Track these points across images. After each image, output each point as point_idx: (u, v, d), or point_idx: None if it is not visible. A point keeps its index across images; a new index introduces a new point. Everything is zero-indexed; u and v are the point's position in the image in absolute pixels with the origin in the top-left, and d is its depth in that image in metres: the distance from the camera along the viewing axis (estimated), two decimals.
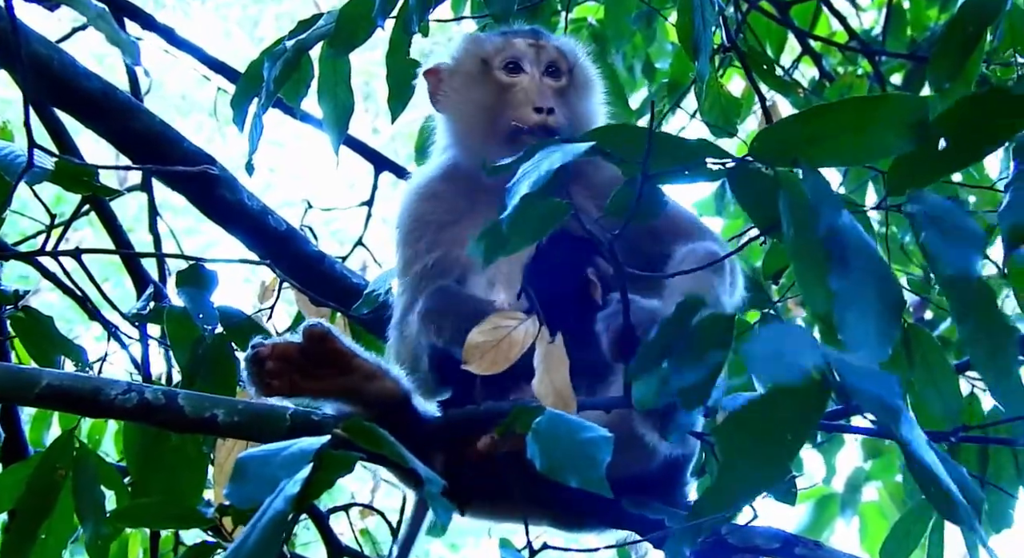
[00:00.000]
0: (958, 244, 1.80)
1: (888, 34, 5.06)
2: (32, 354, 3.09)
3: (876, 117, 1.86)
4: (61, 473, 2.88)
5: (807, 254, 1.86)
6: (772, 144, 1.90)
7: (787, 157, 1.89)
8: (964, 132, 1.81)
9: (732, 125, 3.91)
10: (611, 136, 1.96)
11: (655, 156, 1.92)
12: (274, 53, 3.00)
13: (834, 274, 1.79)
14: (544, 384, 2.22)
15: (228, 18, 12.83)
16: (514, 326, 2.31)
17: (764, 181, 1.93)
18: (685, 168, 1.97)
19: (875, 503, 5.47)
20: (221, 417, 2.33)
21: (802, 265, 1.88)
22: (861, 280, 1.80)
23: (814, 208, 1.83)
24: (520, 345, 2.28)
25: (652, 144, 1.90)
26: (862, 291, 1.79)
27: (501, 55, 2.75)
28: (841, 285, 1.79)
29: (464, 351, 2.30)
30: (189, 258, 2.90)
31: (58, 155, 2.58)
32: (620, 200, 2.01)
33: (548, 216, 2.00)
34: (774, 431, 1.68)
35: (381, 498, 6.69)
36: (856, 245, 1.83)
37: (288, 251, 3.44)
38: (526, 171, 1.89)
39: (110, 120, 3.25)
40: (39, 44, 3.16)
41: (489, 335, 2.31)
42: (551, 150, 1.91)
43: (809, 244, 1.85)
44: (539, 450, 1.77)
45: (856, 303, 1.77)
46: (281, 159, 11.38)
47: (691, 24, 2.87)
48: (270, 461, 1.73)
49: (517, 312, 2.35)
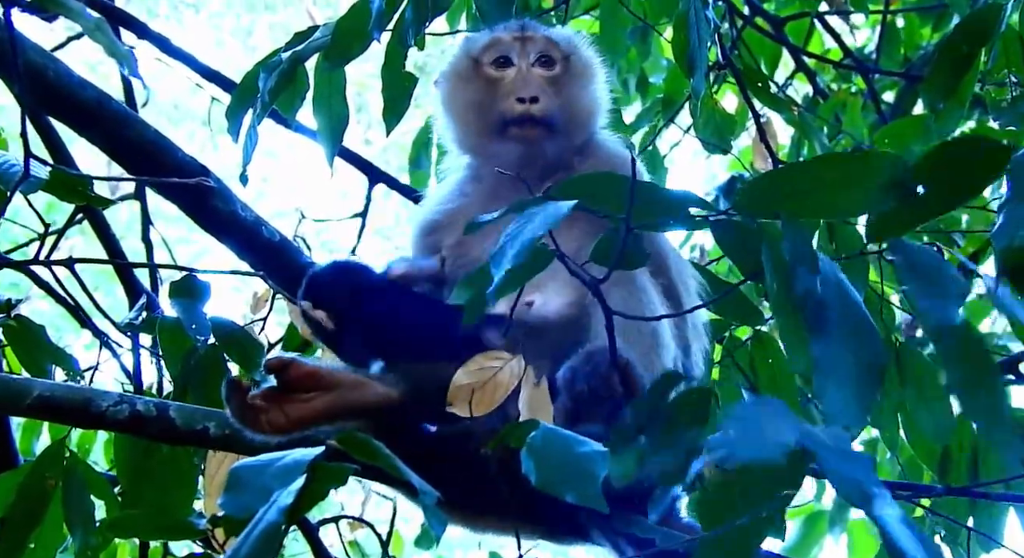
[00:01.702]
0: (939, 295, 1.81)
1: (882, 52, 5.08)
2: (23, 363, 3.08)
3: (857, 174, 1.87)
4: (51, 483, 2.87)
5: (787, 313, 1.88)
6: (755, 197, 1.92)
7: (769, 211, 1.91)
8: (942, 179, 1.82)
9: (726, 142, 3.92)
10: (595, 187, 1.98)
11: (639, 206, 1.94)
12: (270, 64, 3.01)
13: (814, 339, 1.82)
14: None
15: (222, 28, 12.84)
16: (499, 367, 2.32)
17: (747, 233, 1.95)
18: (669, 218, 1.98)
19: (863, 521, 5.46)
20: (212, 429, 2.34)
21: (783, 323, 1.91)
22: (841, 345, 1.82)
23: (791, 268, 1.85)
24: (506, 387, 2.29)
25: (634, 198, 1.93)
26: (841, 356, 1.81)
27: (489, 51, 2.77)
28: (821, 351, 1.81)
29: (449, 392, 2.30)
30: (182, 268, 2.90)
31: (53, 165, 2.57)
32: (604, 247, 2.03)
33: (533, 264, 2.01)
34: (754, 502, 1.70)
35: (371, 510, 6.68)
36: (838, 303, 1.85)
37: (281, 262, 3.43)
38: (511, 236, 1.90)
39: (104, 129, 3.23)
40: (34, 53, 3.15)
41: (474, 376, 2.31)
42: (533, 212, 1.92)
43: (790, 302, 1.87)
44: (534, 465, 1.77)
45: (835, 372, 1.80)
46: (274, 169, 11.38)
47: (687, 41, 2.89)
48: (264, 471, 1.73)
49: (502, 352, 2.35)
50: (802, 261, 1.85)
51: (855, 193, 1.87)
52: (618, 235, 1.97)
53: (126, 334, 3.16)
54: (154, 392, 3.32)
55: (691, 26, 2.86)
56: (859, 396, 1.78)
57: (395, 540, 4.40)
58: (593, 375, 2.28)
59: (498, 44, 2.77)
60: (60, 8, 2.11)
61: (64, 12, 2.12)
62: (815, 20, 5.12)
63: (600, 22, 4.27)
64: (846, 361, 1.80)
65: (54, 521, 2.90)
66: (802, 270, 1.84)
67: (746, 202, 1.92)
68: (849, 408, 1.75)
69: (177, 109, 10.91)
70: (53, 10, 2.13)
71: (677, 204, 1.95)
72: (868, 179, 1.86)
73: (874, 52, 5.29)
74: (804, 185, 1.88)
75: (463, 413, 2.28)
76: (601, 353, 2.28)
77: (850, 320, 1.84)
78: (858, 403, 1.77)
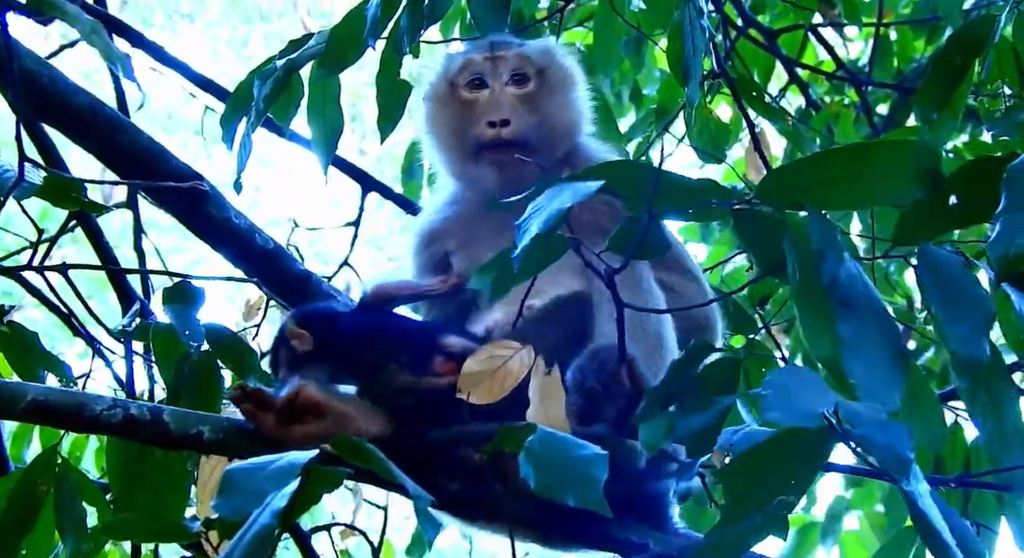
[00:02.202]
0: (966, 321, 1.82)
1: (875, 64, 5.10)
2: (16, 369, 3.08)
3: (886, 163, 1.87)
4: (43, 489, 2.87)
5: (812, 299, 1.88)
6: (779, 186, 1.92)
7: (794, 200, 1.91)
8: (976, 191, 1.82)
9: (721, 151, 3.93)
10: (618, 173, 1.98)
11: (660, 195, 1.93)
12: (264, 72, 3.00)
13: (841, 321, 1.81)
14: (539, 415, 2.23)
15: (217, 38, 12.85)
16: (509, 356, 2.31)
17: (769, 224, 1.94)
18: (690, 207, 1.98)
19: (856, 532, 5.47)
20: (207, 434, 2.34)
21: (806, 310, 1.91)
22: (867, 328, 1.82)
23: (819, 255, 1.85)
24: (516, 376, 2.29)
25: (659, 183, 1.92)
26: (869, 339, 1.81)
27: (464, 73, 2.75)
28: (849, 333, 1.81)
29: (460, 380, 2.30)
30: (176, 275, 2.90)
31: (47, 169, 2.57)
32: (623, 236, 2.02)
33: (551, 250, 2.02)
34: (778, 475, 1.71)
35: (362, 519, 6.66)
36: (861, 293, 1.85)
37: (274, 270, 3.42)
38: (535, 209, 1.90)
39: (97, 135, 3.23)
40: (29, 59, 3.15)
41: (485, 364, 2.31)
42: (560, 189, 1.92)
43: (814, 289, 1.87)
44: (533, 469, 1.77)
45: (864, 351, 1.80)
46: (268, 178, 11.38)
47: (681, 50, 2.89)
48: (258, 474, 1.74)
49: (512, 342, 2.36)
50: (829, 247, 1.85)
51: (883, 182, 1.88)
52: (638, 224, 1.96)
53: (119, 340, 3.15)
54: (146, 398, 3.32)
55: (686, 35, 2.87)
56: (889, 374, 1.78)
57: (386, 548, 4.40)
58: (601, 371, 2.28)
59: (471, 65, 2.74)
60: (56, 11, 2.11)
61: (60, 15, 2.12)
62: (808, 32, 5.14)
63: (594, 33, 4.28)
64: (873, 342, 1.80)
65: (46, 527, 2.89)
66: (830, 255, 1.84)
67: (770, 191, 1.91)
68: (880, 385, 1.76)
69: (170, 118, 10.92)
70: (49, 13, 2.14)
71: (698, 192, 1.95)
72: (896, 168, 1.86)
73: (867, 64, 5.31)
74: (830, 174, 1.88)
75: (474, 401, 2.27)
76: (606, 350, 2.29)
77: (872, 308, 1.84)
78: (888, 381, 1.77)
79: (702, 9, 2.94)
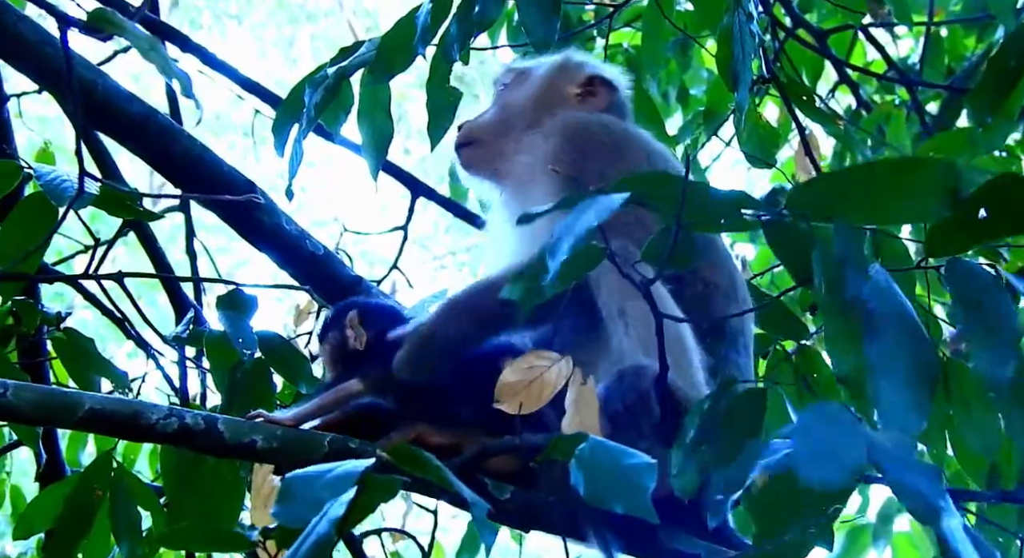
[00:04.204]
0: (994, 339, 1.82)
1: (925, 63, 5.05)
2: (72, 375, 3.11)
3: (912, 181, 1.86)
4: (98, 493, 2.91)
5: (836, 316, 1.88)
6: (809, 199, 1.91)
7: (823, 214, 1.91)
8: (1004, 206, 1.81)
9: (770, 155, 3.91)
10: (647, 185, 1.98)
11: (691, 206, 1.94)
12: (315, 79, 3.02)
13: (868, 340, 1.81)
14: (574, 425, 2.23)
15: (264, 38, 12.93)
16: (547, 366, 2.32)
17: (799, 235, 1.95)
18: (720, 218, 1.98)
19: (907, 534, 5.43)
20: (260, 443, 2.36)
21: (831, 327, 1.90)
22: (894, 347, 1.82)
23: (842, 269, 1.85)
24: (553, 386, 2.29)
25: (686, 196, 1.92)
26: (896, 360, 1.80)
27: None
28: (875, 353, 1.80)
29: (497, 390, 2.32)
30: (229, 282, 2.92)
31: (103, 181, 2.60)
32: (655, 247, 2.03)
33: (585, 261, 2.02)
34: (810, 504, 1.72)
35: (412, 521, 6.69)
36: (890, 307, 1.84)
37: (324, 275, 3.45)
38: (565, 228, 1.91)
39: (151, 143, 3.27)
40: (83, 68, 3.19)
41: (522, 374, 2.32)
42: (587, 204, 1.92)
43: (839, 306, 1.86)
44: (583, 477, 1.78)
45: (890, 374, 1.79)
46: (314, 178, 11.44)
47: (731, 55, 2.88)
48: (316, 483, 1.75)
49: (550, 352, 2.36)
50: (852, 264, 1.85)
51: (909, 199, 1.86)
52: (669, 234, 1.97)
53: (172, 347, 3.18)
54: (197, 402, 3.35)
55: (735, 40, 2.86)
56: (916, 398, 1.77)
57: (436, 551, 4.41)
58: (630, 393, 2.29)
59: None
60: (116, 29, 2.13)
61: (119, 33, 2.14)
62: (858, 31, 5.09)
63: (642, 34, 4.27)
64: (901, 363, 1.79)
65: (101, 531, 2.94)
66: (851, 272, 1.84)
67: (800, 204, 1.91)
68: (907, 410, 1.75)
69: (218, 120, 11.00)
70: (109, 31, 2.16)
71: (729, 204, 1.95)
72: (921, 186, 1.84)
73: (917, 62, 5.26)
74: (858, 189, 1.87)
75: (511, 411, 2.28)
76: (632, 373, 2.29)
77: (902, 325, 1.83)
78: (914, 406, 1.76)
79: (752, 13, 2.93)
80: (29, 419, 2.35)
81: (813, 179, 2.01)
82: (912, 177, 1.85)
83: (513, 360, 2.33)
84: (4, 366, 2.87)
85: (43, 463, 3.43)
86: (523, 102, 2.93)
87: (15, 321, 3.09)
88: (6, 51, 3.26)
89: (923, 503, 1.59)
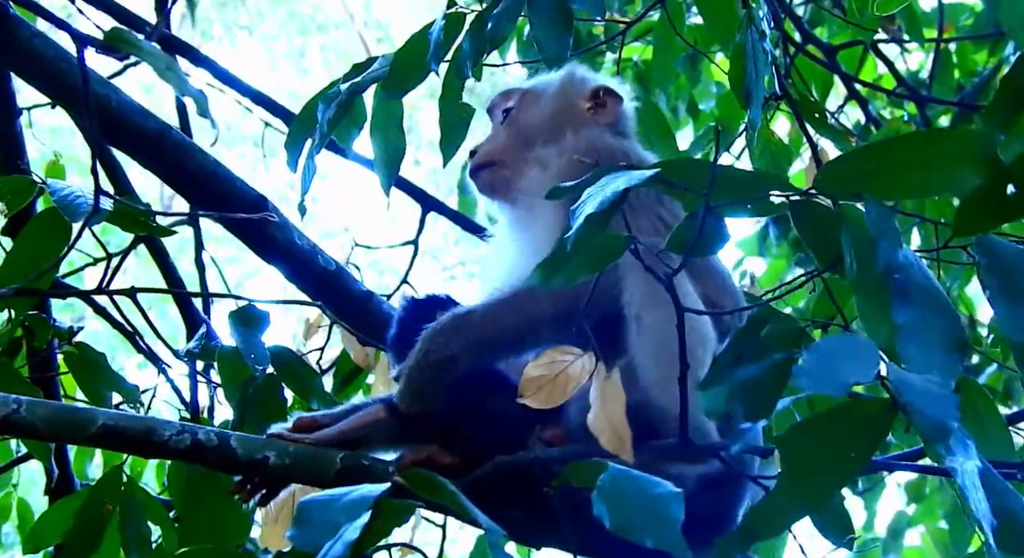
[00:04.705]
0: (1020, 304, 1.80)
1: (935, 78, 5.05)
2: (84, 389, 3.12)
3: (943, 152, 1.86)
4: (108, 508, 2.91)
5: (869, 288, 1.87)
6: (836, 178, 1.91)
7: (851, 191, 1.90)
8: None
9: (782, 171, 3.90)
10: (675, 168, 1.96)
11: (718, 188, 1.92)
12: (328, 95, 3.03)
13: (897, 307, 1.81)
14: (600, 420, 2.19)
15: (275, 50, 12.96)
16: (571, 361, 2.30)
17: (827, 216, 1.93)
18: (748, 201, 1.97)
19: (918, 548, 5.42)
20: (272, 459, 2.36)
21: (864, 299, 1.89)
22: (924, 314, 1.82)
23: (874, 241, 1.84)
24: (576, 380, 2.28)
25: (715, 176, 1.90)
26: (925, 325, 1.80)
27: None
28: (904, 318, 1.80)
29: (520, 384, 2.31)
30: (240, 298, 2.93)
31: (117, 198, 2.61)
32: (682, 233, 2.01)
33: (610, 248, 2.02)
34: (839, 445, 1.70)
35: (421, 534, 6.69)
36: (919, 280, 1.85)
37: (335, 289, 3.46)
38: (591, 193, 1.90)
39: (164, 159, 3.29)
40: (96, 83, 3.20)
41: (546, 369, 2.31)
42: (615, 175, 1.91)
43: (872, 278, 1.86)
44: (607, 508, 1.74)
45: (919, 335, 1.79)
46: (324, 189, 11.46)
47: (743, 72, 2.88)
48: (331, 506, 1.76)
49: (573, 348, 2.35)
50: (886, 235, 1.84)
51: (940, 171, 1.87)
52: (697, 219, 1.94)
53: (185, 362, 3.19)
54: (206, 416, 3.35)
55: (748, 58, 2.86)
56: (943, 358, 1.77)
57: None
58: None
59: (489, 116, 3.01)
60: (131, 48, 2.14)
61: (135, 52, 2.15)
62: (868, 48, 5.09)
63: (653, 49, 4.28)
64: (930, 327, 1.79)
65: (111, 546, 2.94)
66: (885, 243, 1.83)
67: (829, 182, 1.90)
68: (934, 368, 1.75)
69: (229, 130, 11.01)
70: (124, 50, 2.17)
71: (756, 183, 1.94)
72: (954, 157, 1.85)
73: (927, 77, 5.25)
74: (887, 164, 1.87)
75: (535, 405, 2.27)
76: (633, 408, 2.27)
77: (929, 295, 1.84)
78: (942, 364, 1.76)
79: (764, 31, 2.93)
80: (42, 435, 2.35)
81: (842, 156, 2.00)
82: (947, 146, 1.86)
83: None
84: (16, 381, 2.87)
85: (55, 477, 3.43)
86: (539, 123, 2.88)
87: (27, 336, 3.10)
88: (21, 67, 3.28)
89: (934, 423, 1.57)
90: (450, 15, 2.94)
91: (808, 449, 1.71)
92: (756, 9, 3.04)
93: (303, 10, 13.14)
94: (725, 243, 2.05)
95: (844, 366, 1.68)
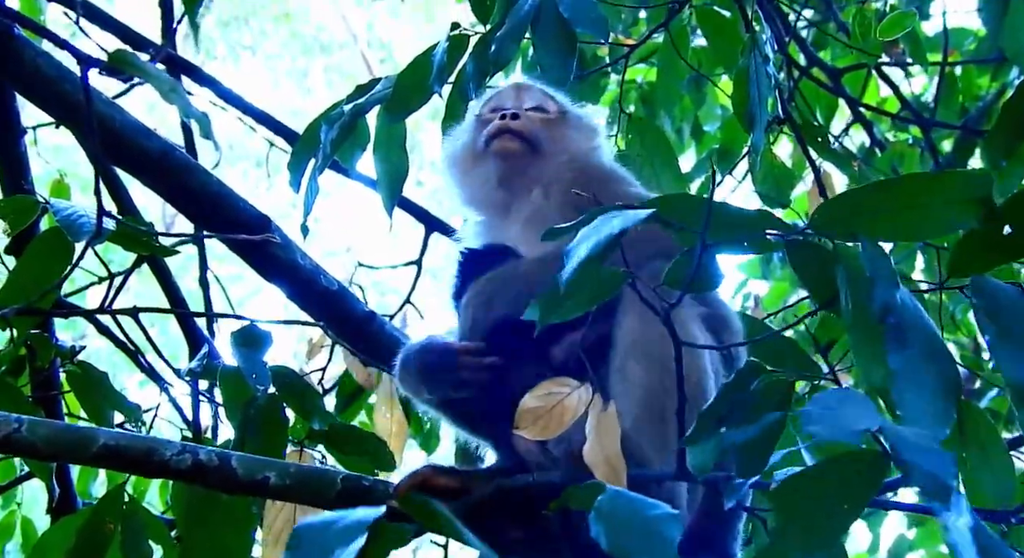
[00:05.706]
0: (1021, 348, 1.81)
1: (939, 102, 5.06)
2: (86, 409, 3.12)
3: (938, 193, 1.86)
4: (110, 527, 2.90)
5: (864, 329, 1.86)
6: (832, 217, 1.91)
7: (846, 231, 1.90)
8: None
9: (785, 194, 3.91)
10: (671, 204, 1.97)
11: (714, 226, 1.92)
12: (331, 116, 3.04)
13: (892, 351, 1.80)
14: (595, 452, 2.21)
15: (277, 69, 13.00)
16: (567, 393, 2.31)
17: (822, 254, 1.94)
18: (744, 239, 1.97)
19: None
20: (273, 480, 2.35)
21: (859, 340, 1.89)
22: (919, 359, 1.81)
23: (871, 282, 1.84)
24: (573, 412, 2.28)
25: (711, 214, 1.91)
26: (920, 370, 1.80)
27: (488, 104, 2.79)
28: (899, 363, 1.80)
29: (517, 416, 2.31)
30: (243, 318, 2.93)
31: (120, 219, 2.62)
32: (677, 270, 2.01)
33: (605, 284, 2.02)
34: (831, 499, 1.70)
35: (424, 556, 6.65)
36: (914, 323, 1.84)
37: (338, 310, 3.46)
38: (585, 234, 1.90)
39: (168, 179, 3.29)
40: (100, 103, 3.21)
41: (542, 400, 2.31)
42: (611, 215, 1.91)
43: (867, 319, 1.85)
44: (604, 529, 1.74)
45: (914, 382, 1.78)
46: (326, 208, 11.46)
47: (747, 97, 2.89)
48: (326, 531, 1.75)
49: (569, 379, 2.35)
50: (882, 276, 1.84)
51: (935, 212, 1.86)
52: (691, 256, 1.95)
53: (186, 382, 3.19)
54: (208, 436, 3.35)
55: (751, 82, 2.87)
56: (938, 406, 1.77)
57: None
58: None
59: (496, 97, 2.79)
60: (136, 70, 2.15)
61: (139, 74, 2.16)
62: (872, 71, 5.10)
63: (657, 72, 4.29)
64: (925, 372, 1.79)
65: None
66: (882, 283, 1.83)
67: (823, 221, 1.91)
68: (928, 416, 1.75)
69: (232, 149, 11.04)
70: (128, 72, 2.18)
71: (753, 223, 1.94)
72: (949, 198, 1.84)
73: (931, 100, 5.26)
74: (883, 204, 1.87)
75: (531, 436, 2.27)
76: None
77: (925, 338, 1.83)
78: (937, 412, 1.76)
79: (768, 55, 2.94)
80: (43, 455, 2.35)
81: (838, 195, 2.00)
82: (943, 188, 1.85)
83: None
84: (18, 400, 2.87)
85: (56, 497, 3.43)
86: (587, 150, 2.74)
87: (30, 355, 3.10)
88: (25, 87, 3.29)
89: (934, 482, 1.57)
90: (454, 37, 2.95)
91: (801, 504, 1.71)
92: (760, 33, 3.05)
93: (306, 30, 13.19)
94: (720, 283, 2.05)
95: (849, 416, 1.68)
